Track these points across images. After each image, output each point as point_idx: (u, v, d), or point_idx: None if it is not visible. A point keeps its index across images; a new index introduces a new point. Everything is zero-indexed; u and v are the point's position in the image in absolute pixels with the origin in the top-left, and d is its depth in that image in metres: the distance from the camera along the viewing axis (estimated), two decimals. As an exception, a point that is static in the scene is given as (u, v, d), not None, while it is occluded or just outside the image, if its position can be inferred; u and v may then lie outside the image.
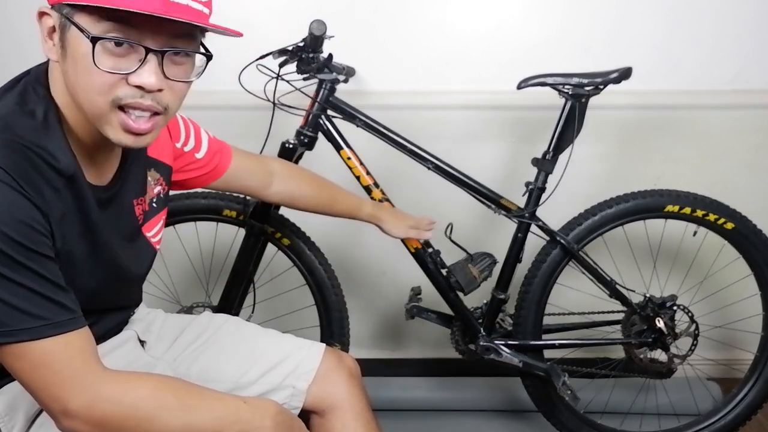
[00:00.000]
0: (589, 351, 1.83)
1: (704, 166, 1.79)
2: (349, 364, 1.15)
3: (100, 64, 0.70)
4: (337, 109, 1.42)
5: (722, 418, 1.61)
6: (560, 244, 1.46)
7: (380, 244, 1.84)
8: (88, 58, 0.70)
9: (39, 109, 0.76)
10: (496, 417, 1.79)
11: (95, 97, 0.73)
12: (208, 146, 1.12)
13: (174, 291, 1.79)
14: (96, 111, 0.74)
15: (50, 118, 0.76)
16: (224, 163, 1.16)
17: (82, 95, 0.73)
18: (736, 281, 1.68)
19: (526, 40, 1.69)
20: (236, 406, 0.84)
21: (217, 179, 1.16)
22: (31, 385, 0.73)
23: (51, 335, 0.72)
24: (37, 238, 0.71)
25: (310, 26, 1.29)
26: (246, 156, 1.21)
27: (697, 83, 1.73)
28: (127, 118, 0.74)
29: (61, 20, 0.72)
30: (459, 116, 1.75)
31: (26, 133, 0.73)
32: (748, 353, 1.67)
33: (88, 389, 0.73)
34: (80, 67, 0.72)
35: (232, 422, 0.82)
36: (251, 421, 0.84)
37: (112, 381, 0.76)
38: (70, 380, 0.73)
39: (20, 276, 0.69)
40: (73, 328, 0.74)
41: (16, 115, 0.74)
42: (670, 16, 1.68)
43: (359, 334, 1.84)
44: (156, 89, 0.73)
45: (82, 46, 0.71)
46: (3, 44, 1.72)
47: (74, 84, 0.74)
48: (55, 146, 0.75)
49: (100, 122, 0.75)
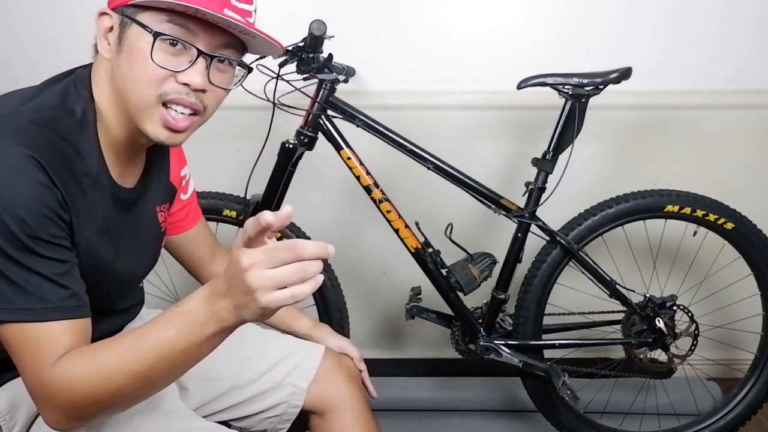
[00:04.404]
0: (589, 351, 1.83)
1: (704, 166, 1.79)
2: (349, 365, 1.16)
3: (155, 58, 0.76)
4: (337, 109, 1.42)
5: (722, 418, 1.61)
6: (560, 244, 1.46)
7: (380, 244, 1.84)
8: (144, 51, 0.76)
9: (78, 107, 0.80)
10: (496, 417, 1.79)
11: (144, 89, 0.78)
12: (191, 194, 1.13)
13: (174, 291, 1.79)
14: (141, 103, 0.79)
15: (87, 118, 0.80)
16: (192, 220, 1.14)
17: (131, 85, 0.78)
18: (736, 281, 1.68)
19: (526, 41, 1.70)
20: (167, 321, 0.72)
21: (179, 233, 1.12)
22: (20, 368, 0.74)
23: (51, 319, 0.72)
24: (53, 229, 0.72)
25: (310, 26, 1.29)
26: (207, 226, 1.20)
27: (697, 83, 1.73)
28: (167, 113, 0.80)
29: (122, 20, 0.78)
30: (459, 116, 1.75)
31: (63, 129, 0.77)
32: (748, 353, 1.67)
33: (39, 384, 0.73)
34: (136, 58, 0.77)
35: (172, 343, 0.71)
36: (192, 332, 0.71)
37: (56, 368, 0.72)
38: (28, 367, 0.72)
39: (30, 260, 0.70)
40: (76, 316, 0.75)
41: (57, 110, 0.78)
42: (670, 16, 1.68)
43: (359, 334, 1.84)
44: (201, 89, 0.79)
45: (141, 41, 0.77)
46: (3, 44, 1.72)
47: (125, 76, 0.78)
48: (86, 146, 0.79)
49: (142, 115, 0.80)
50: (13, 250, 0.69)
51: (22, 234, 0.69)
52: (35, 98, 0.78)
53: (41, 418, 0.87)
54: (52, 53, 1.70)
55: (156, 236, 0.99)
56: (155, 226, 0.98)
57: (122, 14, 0.78)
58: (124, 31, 0.78)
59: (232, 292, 0.66)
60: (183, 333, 0.70)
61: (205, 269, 1.18)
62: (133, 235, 0.91)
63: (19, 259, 0.70)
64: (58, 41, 1.69)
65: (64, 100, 0.79)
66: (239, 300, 0.66)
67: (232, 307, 0.67)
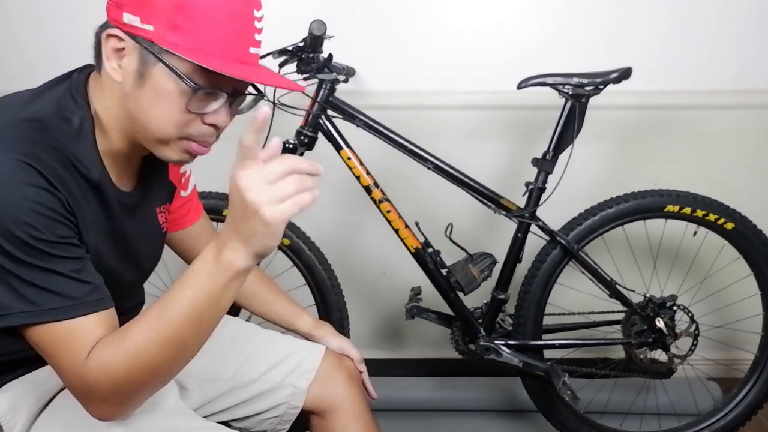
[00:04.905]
0: (589, 351, 1.83)
1: (704, 166, 1.79)
2: (349, 365, 1.16)
3: (189, 106, 0.76)
4: (337, 109, 1.42)
5: (722, 418, 1.61)
6: (560, 244, 1.46)
7: (380, 244, 1.84)
8: (173, 94, 0.76)
9: (75, 117, 0.79)
10: (496, 417, 1.79)
11: (169, 128, 0.78)
12: (192, 191, 1.12)
13: (174, 291, 1.79)
14: (163, 138, 0.79)
15: (85, 127, 0.79)
16: (194, 216, 1.14)
17: (153, 123, 0.78)
18: (736, 281, 1.68)
19: (526, 41, 1.69)
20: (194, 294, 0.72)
21: (181, 230, 1.12)
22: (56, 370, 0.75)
23: (80, 315, 0.73)
24: (61, 229, 0.73)
25: (310, 26, 1.29)
26: (209, 222, 1.20)
27: (697, 83, 1.73)
28: (190, 144, 0.81)
29: (143, 53, 0.75)
30: (459, 116, 1.75)
31: (60, 137, 0.76)
32: (748, 353, 1.67)
33: (77, 379, 0.73)
34: (161, 98, 0.76)
35: (204, 307, 0.72)
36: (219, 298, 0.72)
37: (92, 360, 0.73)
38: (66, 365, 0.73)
39: (46, 262, 0.71)
40: (102, 308, 0.76)
41: (53, 119, 0.77)
42: (670, 16, 1.68)
43: (359, 334, 1.84)
44: (226, 126, 0.81)
45: (169, 83, 0.75)
46: (2, 44, 1.72)
47: (146, 109, 0.77)
48: (85, 154, 0.78)
49: (158, 146, 0.81)
50: (27, 256, 0.69)
51: (31, 239, 0.69)
52: (31, 105, 0.77)
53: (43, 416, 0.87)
54: (51, 53, 1.70)
55: (157, 237, 0.99)
56: (156, 228, 0.98)
57: (144, 46, 0.75)
58: (147, 67, 0.75)
59: (237, 225, 0.68)
60: (200, 288, 0.71)
61: None
62: (136, 238, 0.92)
63: (35, 262, 0.70)
64: (58, 41, 1.69)
65: (60, 109, 0.78)
66: (245, 228, 0.67)
67: (240, 245, 0.69)
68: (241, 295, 1.20)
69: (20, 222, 0.68)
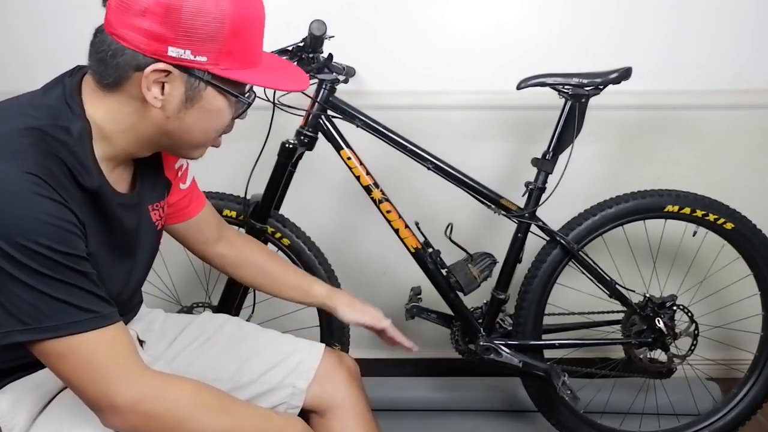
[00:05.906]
0: (589, 351, 1.83)
1: (704, 166, 1.79)
2: (349, 365, 1.16)
3: (234, 115, 0.86)
4: (337, 109, 1.42)
5: (722, 418, 1.61)
6: (560, 244, 1.46)
7: (380, 244, 1.84)
8: (223, 110, 0.83)
9: (74, 126, 0.78)
10: (496, 417, 1.79)
11: (211, 135, 0.86)
12: (191, 182, 1.12)
13: (174, 291, 1.79)
14: (201, 143, 0.87)
15: (83, 135, 0.78)
16: (197, 206, 1.13)
17: (196, 134, 0.84)
18: (736, 281, 1.68)
19: (526, 41, 1.69)
20: (268, 415, 0.89)
21: (182, 221, 1.12)
22: (76, 382, 0.75)
23: (98, 327, 0.74)
24: (76, 242, 0.73)
25: (310, 26, 1.29)
26: (213, 210, 1.19)
27: (697, 83, 1.73)
28: (215, 140, 0.89)
29: (190, 80, 0.78)
30: (459, 116, 1.75)
31: (61, 146, 0.76)
32: (747, 353, 1.67)
33: (134, 385, 0.76)
34: (211, 116, 0.82)
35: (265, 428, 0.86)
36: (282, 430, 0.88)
37: (156, 378, 0.79)
38: (117, 376, 0.75)
39: (66, 276, 0.72)
40: (117, 320, 0.77)
41: (53, 128, 0.76)
42: (670, 16, 1.68)
43: (359, 334, 1.83)
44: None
45: (220, 102, 0.82)
46: (2, 45, 1.72)
47: (192, 126, 0.82)
48: (85, 162, 0.78)
49: (189, 150, 0.88)
50: (49, 270, 0.70)
51: (52, 252, 0.70)
52: (26, 114, 0.76)
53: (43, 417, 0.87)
54: (51, 54, 1.70)
55: (153, 235, 0.99)
56: (151, 226, 0.97)
57: (194, 76, 0.78)
58: (196, 92, 0.79)
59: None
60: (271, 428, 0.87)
61: (212, 250, 1.19)
62: (134, 238, 0.92)
63: (60, 277, 0.71)
64: (57, 42, 1.69)
65: (57, 118, 0.77)
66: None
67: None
68: (250, 275, 1.21)
69: (40, 234, 0.69)
